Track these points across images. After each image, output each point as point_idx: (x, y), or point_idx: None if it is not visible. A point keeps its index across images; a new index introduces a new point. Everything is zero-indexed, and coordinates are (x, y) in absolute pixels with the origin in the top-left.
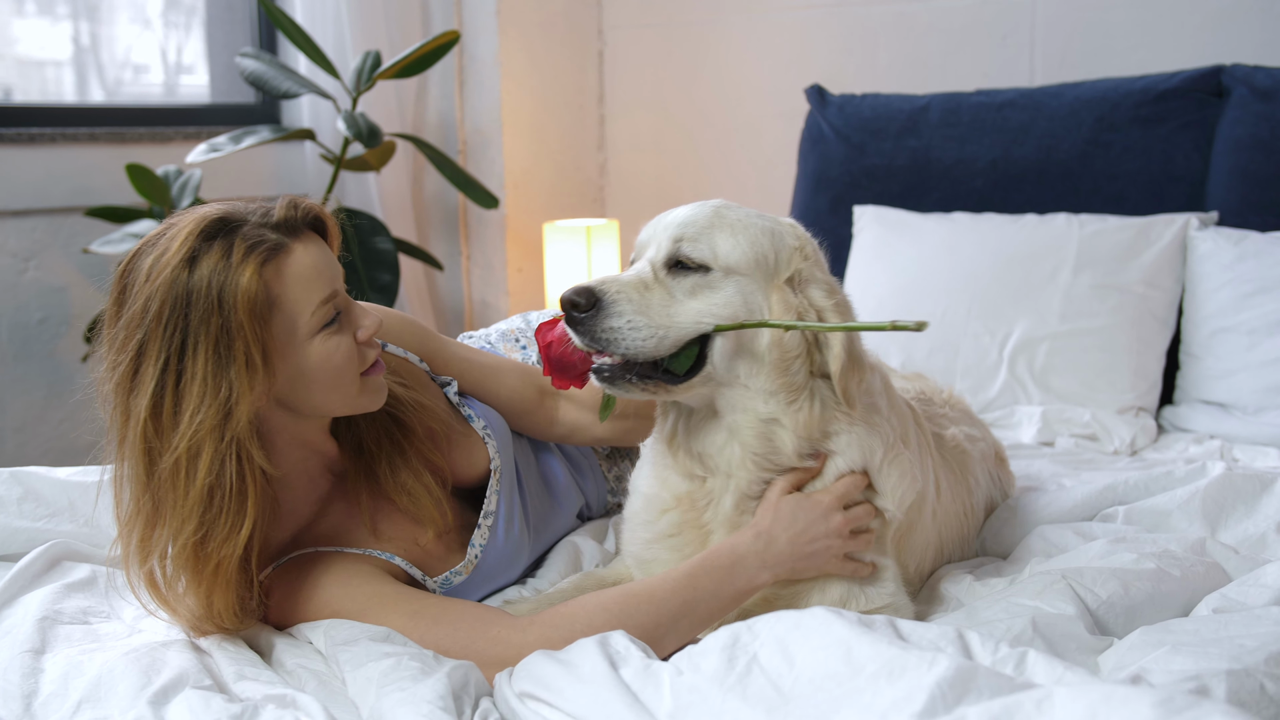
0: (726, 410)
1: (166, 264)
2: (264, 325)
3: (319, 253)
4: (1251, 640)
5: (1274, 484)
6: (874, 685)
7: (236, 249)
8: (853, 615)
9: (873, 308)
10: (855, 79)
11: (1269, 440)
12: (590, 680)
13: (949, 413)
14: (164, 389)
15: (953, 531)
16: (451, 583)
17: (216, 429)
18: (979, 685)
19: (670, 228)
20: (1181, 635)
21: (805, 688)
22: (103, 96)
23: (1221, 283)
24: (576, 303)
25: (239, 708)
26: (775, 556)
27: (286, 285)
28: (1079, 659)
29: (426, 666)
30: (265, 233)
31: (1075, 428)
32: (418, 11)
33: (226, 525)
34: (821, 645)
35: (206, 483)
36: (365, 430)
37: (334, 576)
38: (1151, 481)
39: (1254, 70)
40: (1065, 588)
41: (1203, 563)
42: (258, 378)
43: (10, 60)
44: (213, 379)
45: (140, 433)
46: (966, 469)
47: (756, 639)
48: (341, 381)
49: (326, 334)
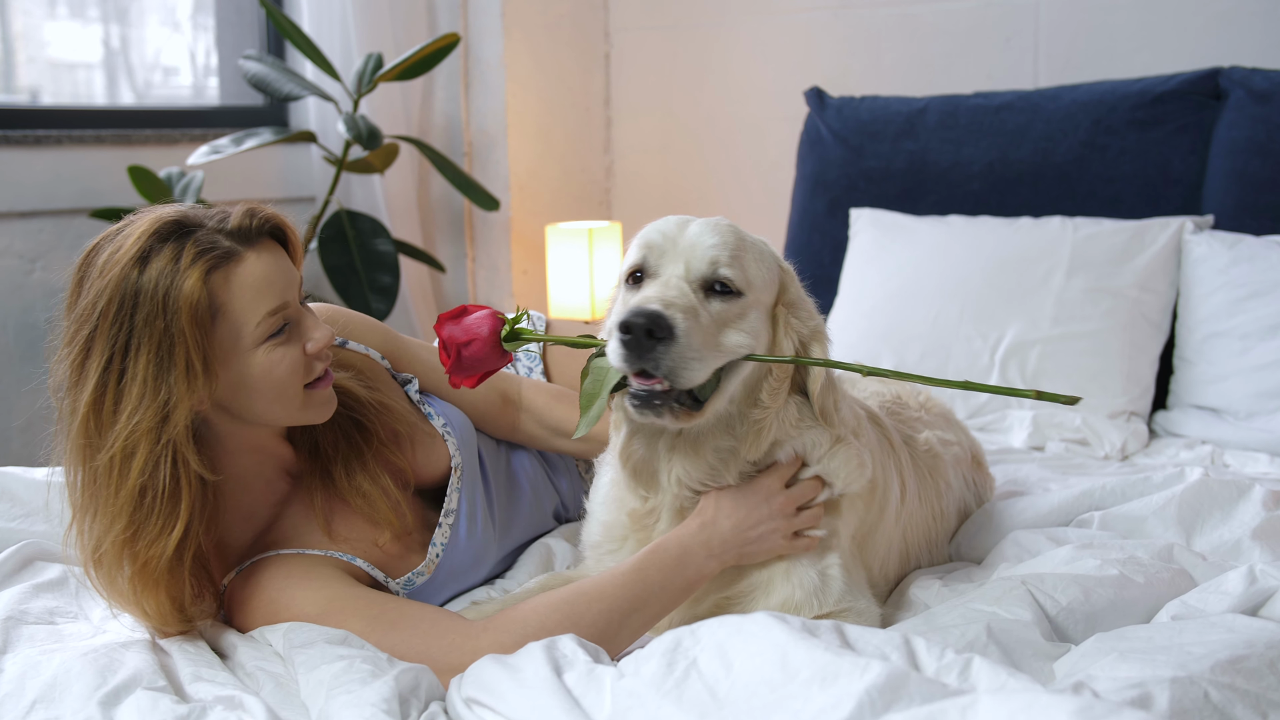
0: (708, 432)
1: (118, 261)
2: (206, 332)
3: (272, 263)
4: (1200, 648)
5: (1251, 490)
6: (806, 691)
7: (186, 253)
8: (797, 621)
9: (866, 311)
10: (860, 81)
11: (1260, 446)
12: (533, 685)
13: (925, 417)
14: (105, 386)
15: (920, 535)
16: (414, 583)
17: (152, 431)
18: (910, 692)
19: (703, 248)
20: (1134, 642)
21: (740, 693)
22: (132, 99)
23: (1215, 287)
24: (654, 332)
25: (186, 709)
26: (721, 543)
27: (233, 294)
28: (1035, 666)
29: (378, 669)
30: (219, 239)
31: (1066, 432)
32: (423, 14)
33: (156, 526)
34: (759, 651)
35: (139, 483)
36: (322, 433)
37: (295, 580)
38: (1128, 487)
39: (1251, 73)
40: (1024, 594)
41: (1169, 569)
42: (197, 384)
43: (42, 63)
44: (152, 381)
45: (80, 427)
46: (938, 472)
47: (698, 644)
48: (284, 394)
49: (272, 345)
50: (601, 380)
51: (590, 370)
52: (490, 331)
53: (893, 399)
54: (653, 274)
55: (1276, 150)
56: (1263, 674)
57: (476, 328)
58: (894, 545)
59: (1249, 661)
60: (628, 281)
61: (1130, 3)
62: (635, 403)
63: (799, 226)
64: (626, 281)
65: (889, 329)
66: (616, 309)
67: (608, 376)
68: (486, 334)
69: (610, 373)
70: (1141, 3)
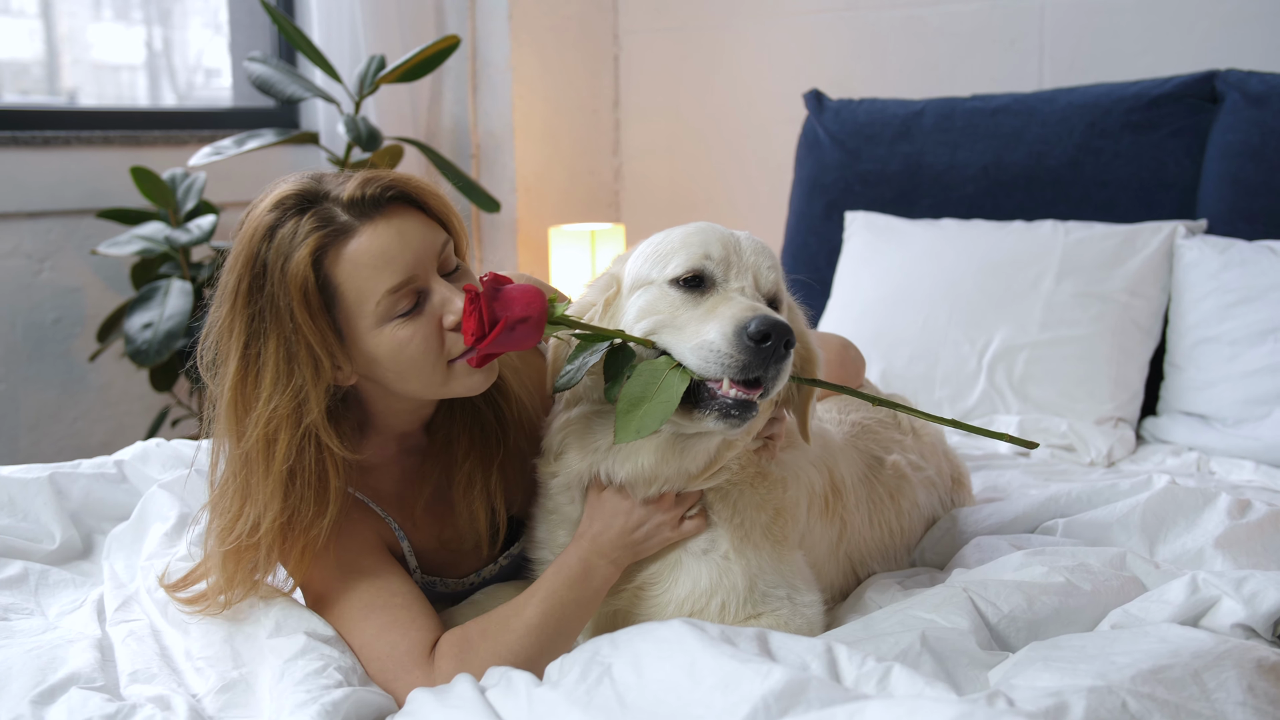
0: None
1: (250, 228)
2: (324, 317)
3: (394, 235)
4: (1125, 657)
5: (1216, 499)
6: (709, 697)
7: (302, 229)
8: (715, 629)
9: (857, 315)
10: (865, 83)
11: (1246, 453)
12: (456, 705)
13: (905, 440)
14: (246, 369)
15: (872, 553)
16: (436, 588)
17: (291, 416)
18: (809, 697)
19: (764, 266)
20: (1066, 651)
21: (647, 700)
22: (174, 100)
23: (1206, 292)
24: (791, 342)
25: (115, 707)
26: (612, 549)
27: (347, 273)
28: (970, 674)
29: (346, 681)
30: (335, 212)
31: (1052, 438)
32: (431, 17)
33: (310, 510)
34: (669, 657)
35: (285, 467)
36: (459, 429)
37: (342, 529)
38: (1094, 494)
39: (1248, 75)
40: (965, 601)
41: (1119, 577)
42: (324, 371)
43: (86, 65)
44: (285, 367)
45: (228, 410)
46: (902, 493)
47: (616, 652)
48: (421, 371)
49: (400, 322)
50: (656, 382)
51: (640, 372)
52: (540, 313)
53: (888, 417)
54: (716, 283)
55: (1270, 154)
56: (1185, 684)
57: (529, 305)
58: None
59: (1172, 671)
60: (677, 284)
61: (1135, 5)
62: (734, 411)
63: (795, 229)
64: (674, 283)
65: (878, 333)
66: (658, 309)
67: (667, 379)
68: (538, 315)
69: (672, 375)
70: (1146, 5)
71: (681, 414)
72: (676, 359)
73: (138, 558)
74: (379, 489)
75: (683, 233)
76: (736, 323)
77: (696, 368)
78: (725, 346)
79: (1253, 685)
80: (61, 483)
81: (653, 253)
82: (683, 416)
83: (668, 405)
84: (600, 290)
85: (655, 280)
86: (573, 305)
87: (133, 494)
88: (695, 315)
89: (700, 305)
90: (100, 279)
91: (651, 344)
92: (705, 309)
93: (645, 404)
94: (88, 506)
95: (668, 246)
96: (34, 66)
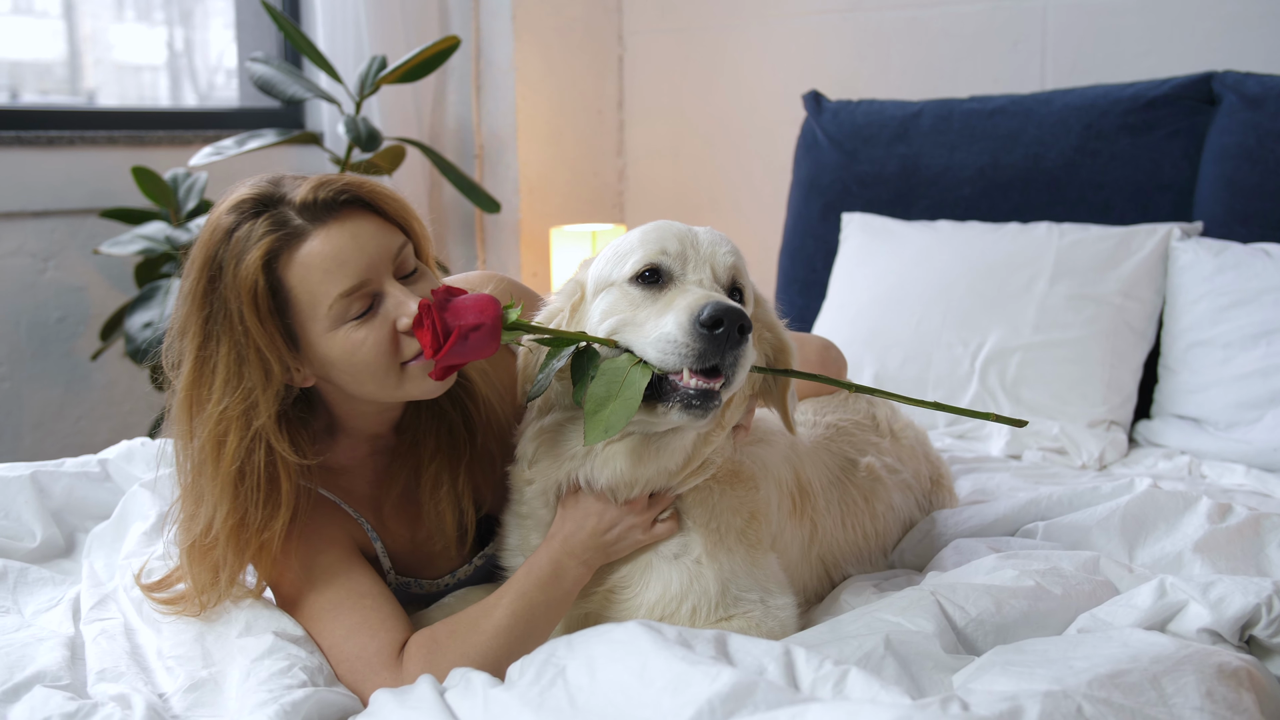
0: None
1: (209, 230)
2: (274, 321)
3: (347, 239)
4: (1084, 661)
5: (1197, 503)
6: (658, 699)
7: (255, 234)
8: (672, 631)
9: (851, 317)
10: (868, 84)
11: (1238, 457)
12: (415, 706)
13: (882, 443)
14: (200, 368)
15: (846, 555)
16: (409, 589)
17: (241, 418)
18: (755, 700)
19: (722, 255)
20: (1029, 655)
21: (598, 701)
22: (195, 100)
23: (1200, 295)
24: (746, 326)
25: (75, 706)
26: (584, 551)
27: (299, 277)
28: (935, 678)
29: (311, 681)
30: (290, 216)
31: (1044, 441)
32: (435, 18)
33: (263, 511)
34: (622, 659)
35: (234, 467)
36: (426, 431)
37: (310, 529)
38: (1075, 497)
39: (1244, 77)
40: (932, 604)
41: (1091, 581)
42: (274, 376)
43: (108, 65)
44: (236, 369)
45: (181, 409)
46: (876, 495)
47: (571, 653)
48: (375, 374)
49: (354, 326)
50: (619, 379)
51: (603, 371)
52: (495, 319)
53: (866, 419)
54: (675, 277)
55: (1266, 156)
56: (1143, 689)
57: (481, 313)
58: (798, 566)
59: (1130, 676)
60: (635, 281)
61: (1137, 7)
62: (695, 401)
63: (793, 231)
64: (633, 281)
65: (872, 335)
66: (619, 309)
67: (629, 375)
68: (491, 322)
69: (634, 371)
70: (1148, 7)
71: (646, 410)
72: (639, 355)
73: (117, 556)
74: (351, 490)
75: (640, 232)
76: (690, 312)
77: (656, 361)
78: (681, 336)
79: (1211, 690)
80: (43, 481)
81: (612, 254)
82: (648, 412)
83: (631, 401)
84: (566, 296)
85: (615, 281)
86: (540, 313)
87: (116, 493)
88: (654, 310)
89: (659, 300)
90: (104, 278)
91: (615, 344)
92: (663, 303)
93: (611, 403)
94: (70, 505)
95: (626, 246)
96: (57, 67)
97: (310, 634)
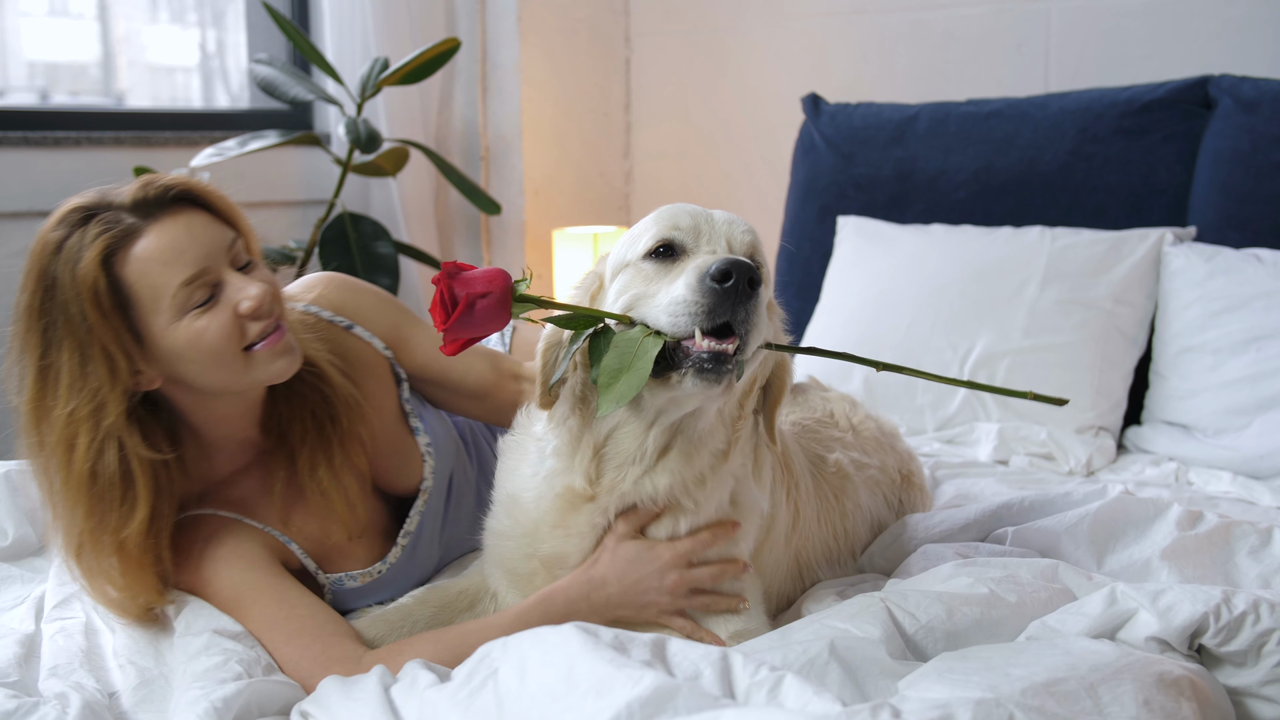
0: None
1: (35, 251)
2: (117, 317)
3: (182, 231)
4: (1022, 669)
5: (1168, 510)
6: (581, 702)
7: (88, 237)
8: (608, 634)
9: (843, 320)
10: (872, 87)
11: (1224, 464)
12: (359, 699)
13: (846, 438)
14: (43, 382)
15: (818, 554)
16: (344, 584)
17: (89, 419)
18: (675, 704)
19: (739, 231)
20: (972, 662)
21: (525, 704)
22: (227, 102)
23: (1191, 300)
24: (756, 279)
25: (16, 704)
26: (605, 602)
27: (138, 271)
28: (881, 684)
29: (248, 672)
30: (121, 217)
31: (1031, 446)
32: (441, 20)
33: (119, 511)
34: (552, 663)
35: (86, 469)
36: (290, 420)
37: (224, 551)
38: (1047, 503)
39: (1240, 81)
40: (881, 610)
41: (1048, 589)
42: (120, 371)
43: (141, 66)
44: (80, 371)
45: (28, 424)
46: (844, 493)
47: (506, 655)
48: (221, 360)
49: (196, 314)
50: (632, 352)
51: (616, 344)
52: (503, 289)
53: (825, 416)
54: (688, 250)
55: (1260, 161)
56: (1078, 697)
57: (490, 282)
58: (781, 563)
59: (1066, 684)
60: (649, 257)
61: (1141, 9)
62: (708, 365)
63: (790, 233)
64: (646, 257)
65: (863, 338)
66: (634, 285)
67: (642, 346)
68: (500, 291)
69: (646, 342)
70: (1152, 9)
71: (660, 381)
72: (652, 326)
73: None
74: (246, 501)
75: (655, 213)
76: (699, 271)
77: (668, 326)
78: (690, 295)
79: (1149, 699)
80: (17, 480)
81: (628, 238)
82: (662, 383)
83: (643, 370)
84: (585, 289)
85: (630, 261)
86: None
87: None
88: (667, 281)
89: (672, 271)
90: None
91: (631, 321)
92: (676, 273)
93: (624, 374)
94: None
95: (640, 228)
96: (91, 68)
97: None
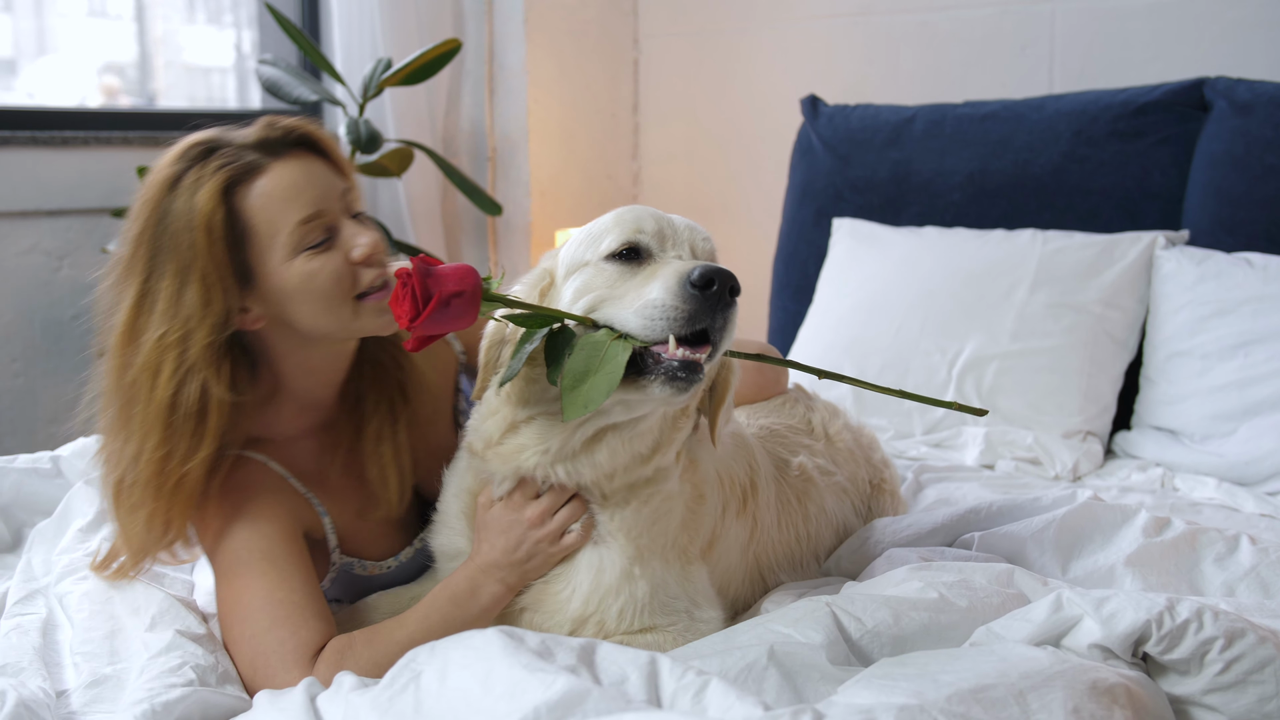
0: (638, 428)
1: (151, 184)
2: (228, 249)
3: (302, 171)
4: (951, 675)
5: (1135, 516)
6: (495, 707)
7: (209, 170)
8: (535, 639)
9: (833, 323)
10: (877, 88)
11: (1210, 470)
12: (285, 709)
13: (814, 445)
14: (139, 307)
15: (779, 557)
16: (352, 569)
17: (176, 346)
18: (584, 708)
19: (701, 237)
20: (908, 668)
21: (442, 708)
22: (260, 102)
23: (1182, 304)
24: (737, 288)
25: None
26: (496, 567)
27: (259, 206)
28: (821, 689)
29: (202, 680)
30: (243, 153)
31: (1018, 451)
32: (448, 21)
33: (186, 444)
34: (470, 666)
35: (167, 396)
36: (369, 390)
37: (251, 510)
38: (1015, 508)
39: (1235, 83)
40: (826, 614)
41: (1001, 594)
42: (215, 303)
43: (178, 67)
44: (175, 299)
45: (116, 347)
46: (808, 497)
47: (431, 659)
48: (331, 303)
49: (310, 255)
50: (599, 354)
51: (581, 346)
52: (474, 288)
53: (800, 424)
54: (653, 254)
55: (1254, 164)
56: (1006, 704)
57: (462, 280)
58: (735, 566)
59: (994, 691)
60: (612, 259)
61: (1145, 11)
62: (680, 374)
63: (787, 235)
64: (610, 259)
65: (852, 341)
66: (595, 286)
67: (610, 349)
68: (471, 290)
69: (615, 345)
70: (1156, 11)
71: (627, 385)
72: (619, 329)
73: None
74: (295, 464)
75: (614, 214)
76: (679, 275)
77: (640, 330)
78: (669, 299)
79: (1079, 707)
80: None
81: (585, 237)
82: (628, 388)
83: (613, 375)
84: (533, 284)
85: (590, 261)
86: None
87: (66, 489)
88: (635, 283)
89: (639, 274)
90: None
91: (592, 322)
92: (644, 276)
93: (590, 377)
94: (19, 500)
95: (600, 228)
96: (129, 69)
97: (230, 618)
